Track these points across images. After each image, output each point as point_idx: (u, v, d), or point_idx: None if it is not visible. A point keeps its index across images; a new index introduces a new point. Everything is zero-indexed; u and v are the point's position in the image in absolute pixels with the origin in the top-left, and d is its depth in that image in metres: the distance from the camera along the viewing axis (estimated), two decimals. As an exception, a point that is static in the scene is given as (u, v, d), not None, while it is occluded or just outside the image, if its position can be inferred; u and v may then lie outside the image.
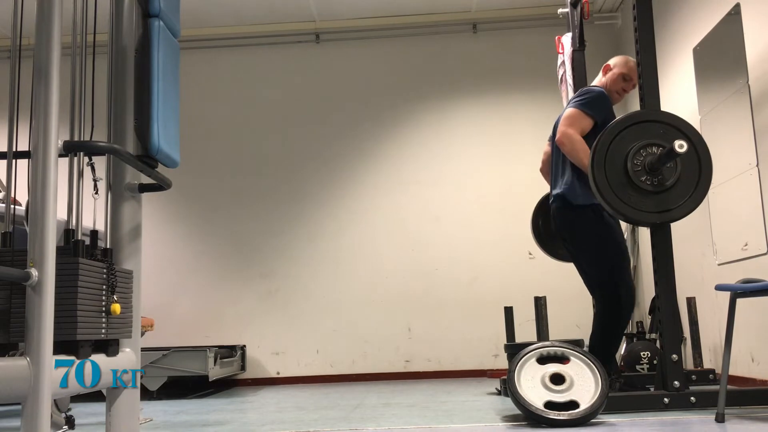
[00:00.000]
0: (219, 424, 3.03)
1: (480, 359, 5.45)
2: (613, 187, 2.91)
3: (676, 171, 2.92)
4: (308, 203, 5.82)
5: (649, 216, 2.92)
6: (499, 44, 5.93)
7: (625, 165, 2.91)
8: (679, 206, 2.92)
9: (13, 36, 1.80)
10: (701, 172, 2.95)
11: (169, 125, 2.15)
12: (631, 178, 2.90)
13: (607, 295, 3.16)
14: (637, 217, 2.93)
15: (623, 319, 3.16)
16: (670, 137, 2.91)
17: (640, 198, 2.91)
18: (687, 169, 2.94)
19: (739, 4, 3.68)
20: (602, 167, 2.92)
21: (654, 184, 2.90)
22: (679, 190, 2.92)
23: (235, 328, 5.67)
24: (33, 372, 1.45)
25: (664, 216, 2.92)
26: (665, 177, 2.91)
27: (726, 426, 2.38)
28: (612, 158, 2.92)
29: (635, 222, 3.00)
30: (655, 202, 2.91)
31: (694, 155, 2.95)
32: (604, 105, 3.22)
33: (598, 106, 3.20)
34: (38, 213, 1.53)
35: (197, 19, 5.81)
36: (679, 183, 2.92)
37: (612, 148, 2.93)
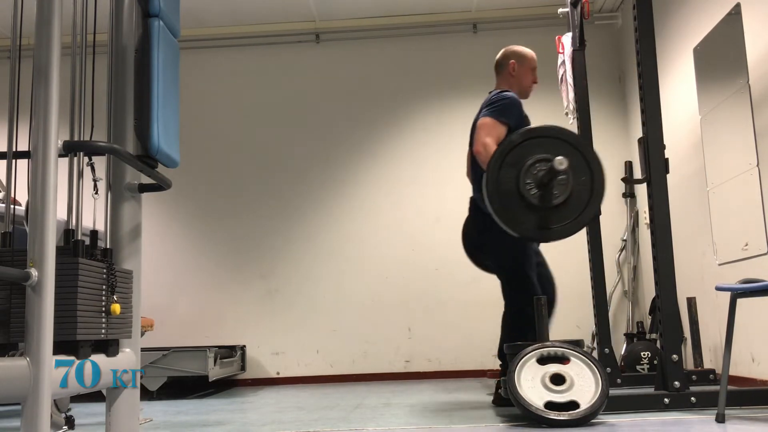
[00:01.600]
0: (219, 425, 3.03)
1: (480, 359, 5.44)
2: (501, 195, 2.88)
3: (567, 191, 2.87)
4: (308, 203, 5.81)
5: (528, 230, 2.89)
6: (499, 44, 5.88)
7: (518, 176, 2.87)
8: (560, 226, 2.89)
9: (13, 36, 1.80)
10: (592, 195, 2.90)
11: (169, 125, 2.15)
12: (520, 189, 2.86)
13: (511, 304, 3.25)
14: (517, 229, 2.89)
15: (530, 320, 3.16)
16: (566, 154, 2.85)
17: (525, 211, 2.87)
18: (579, 191, 2.88)
19: (739, 4, 3.68)
20: (497, 173, 2.89)
21: (541, 200, 2.86)
22: (566, 211, 2.88)
23: (235, 328, 5.67)
24: (33, 372, 1.45)
25: (543, 233, 2.89)
26: (555, 195, 2.86)
27: (726, 426, 2.38)
28: (507, 168, 2.89)
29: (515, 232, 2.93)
30: (537, 218, 2.87)
31: (588, 177, 2.89)
32: (516, 110, 3.26)
33: (510, 111, 3.23)
34: (38, 213, 1.53)
35: (197, 19, 5.81)
36: (568, 203, 2.88)
37: (509, 158, 2.90)
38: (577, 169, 2.89)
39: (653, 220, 3.03)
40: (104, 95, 2.12)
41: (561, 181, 2.85)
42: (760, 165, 3.49)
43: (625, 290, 5.50)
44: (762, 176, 3.48)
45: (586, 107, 4.06)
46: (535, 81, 3.47)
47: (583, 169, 2.90)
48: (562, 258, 5.53)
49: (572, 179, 2.87)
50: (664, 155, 3.06)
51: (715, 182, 4.03)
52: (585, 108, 4.06)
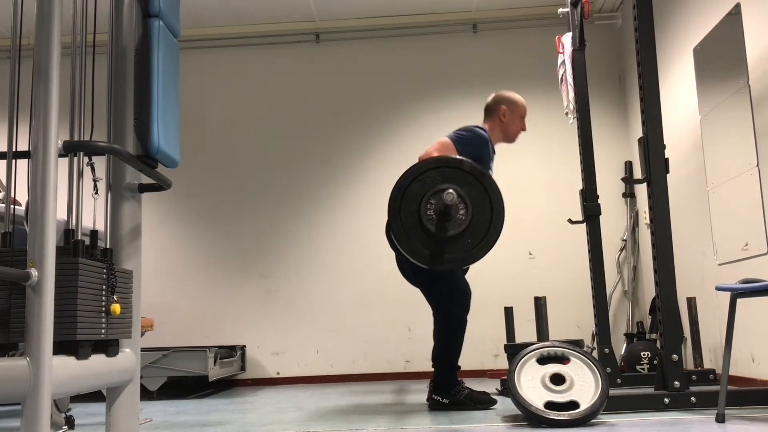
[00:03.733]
0: (219, 425, 3.03)
1: (480, 359, 5.44)
2: (403, 221, 2.90)
3: (465, 222, 2.87)
4: (308, 203, 5.82)
5: (421, 257, 2.89)
6: (499, 44, 5.93)
7: (419, 205, 2.88)
8: (451, 259, 2.89)
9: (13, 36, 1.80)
10: (488, 232, 2.90)
11: (169, 125, 2.15)
12: (421, 217, 2.88)
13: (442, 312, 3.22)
14: (413, 255, 2.91)
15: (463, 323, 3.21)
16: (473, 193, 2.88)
17: (423, 238, 2.88)
18: (476, 224, 2.89)
19: (739, 4, 3.68)
20: (399, 201, 2.92)
21: (438, 229, 2.86)
22: (460, 242, 2.88)
23: (235, 328, 5.67)
24: (33, 372, 1.45)
25: (435, 261, 2.89)
26: (453, 225, 2.86)
27: (726, 426, 2.38)
28: (409, 198, 2.91)
29: (412, 257, 2.94)
30: (432, 246, 2.88)
31: (487, 214, 2.90)
32: (478, 147, 3.25)
33: (471, 145, 3.23)
34: (38, 213, 1.53)
35: (197, 19, 5.81)
36: (465, 234, 2.88)
37: (411, 187, 2.92)
38: (479, 206, 2.89)
39: (653, 220, 3.03)
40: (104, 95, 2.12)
41: (459, 213, 2.87)
42: (760, 165, 3.49)
43: (625, 290, 5.51)
44: (762, 176, 3.48)
45: (586, 107, 4.06)
46: (523, 128, 3.49)
47: (485, 208, 2.90)
48: (562, 258, 5.54)
49: (472, 213, 2.88)
50: (664, 155, 3.06)
51: (715, 182, 4.03)
52: (585, 108, 4.06)
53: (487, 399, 3.17)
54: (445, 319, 3.22)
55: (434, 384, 3.22)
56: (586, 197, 3.98)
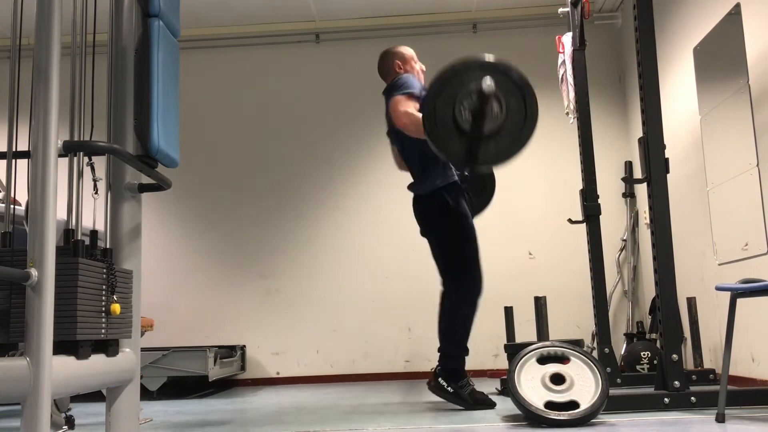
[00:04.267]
0: (219, 424, 3.03)
1: (480, 359, 5.44)
2: (436, 121, 2.84)
3: (499, 122, 2.82)
4: (308, 203, 5.81)
5: (456, 156, 2.86)
6: (499, 44, 5.93)
7: (453, 102, 2.83)
8: (486, 158, 2.85)
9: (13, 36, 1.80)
10: (522, 132, 2.86)
11: (168, 125, 2.15)
12: (455, 114, 2.82)
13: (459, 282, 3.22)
14: (447, 154, 2.87)
15: (476, 305, 3.23)
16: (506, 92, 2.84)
17: (457, 137, 2.82)
18: (511, 127, 2.84)
19: (739, 4, 3.68)
20: (434, 101, 2.85)
21: (472, 127, 2.81)
22: (495, 143, 2.84)
23: (235, 328, 5.67)
24: (33, 372, 1.45)
25: (470, 161, 2.85)
26: (486, 124, 2.81)
27: (726, 426, 2.38)
28: (445, 96, 2.85)
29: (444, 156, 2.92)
30: (467, 145, 2.82)
31: (522, 111, 2.86)
32: (415, 81, 3.36)
33: (411, 83, 3.31)
34: (38, 213, 1.53)
35: (197, 19, 5.81)
36: (499, 136, 2.84)
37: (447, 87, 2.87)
38: (514, 108, 2.86)
39: (653, 220, 3.03)
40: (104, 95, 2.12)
41: (494, 112, 2.81)
42: (760, 165, 3.49)
43: (625, 290, 5.51)
44: (762, 176, 3.48)
45: (586, 107, 4.06)
46: (422, 69, 3.59)
47: (520, 109, 2.88)
48: (562, 258, 5.54)
49: (506, 114, 2.84)
50: (664, 155, 3.06)
51: (715, 182, 4.03)
52: (585, 108, 4.06)
53: (488, 401, 3.17)
54: (459, 297, 3.21)
55: (443, 369, 3.20)
56: (586, 197, 3.98)
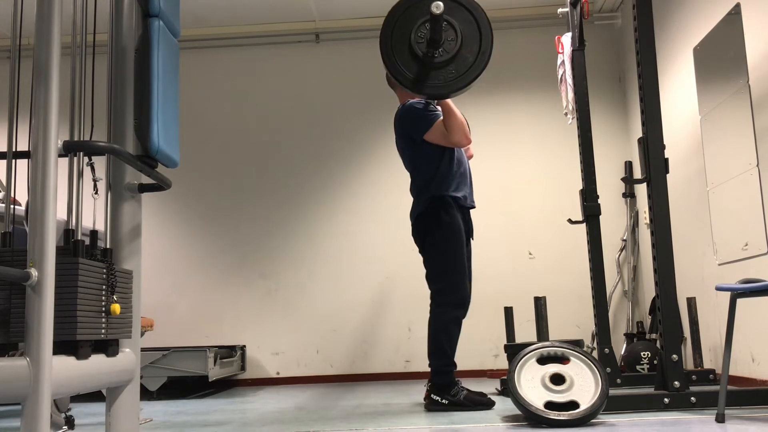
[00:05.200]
0: (219, 425, 3.03)
1: (480, 359, 5.44)
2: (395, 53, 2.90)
3: (452, 52, 2.85)
4: (308, 203, 5.81)
5: (406, 79, 2.88)
6: (499, 44, 5.90)
7: (410, 30, 2.90)
8: (432, 85, 2.87)
9: (13, 36, 1.80)
10: (471, 67, 2.89)
11: (169, 125, 2.15)
12: (410, 39, 2.88)
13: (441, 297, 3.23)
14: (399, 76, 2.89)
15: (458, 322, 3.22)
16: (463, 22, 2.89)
17: (410, 60, 2.87)
18: (463, 60, 2.87)
19: (739, 4, 3.68)
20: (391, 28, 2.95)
21: (425, 53, 2.85)
22: (444, 71, 2.86)
23: (235, 328, 5.67)
24: (33, 372, 1.45)
25: (417, 85, 2.87)
26: (438, 53, 2.84)
27: (726, 426, 2.38)
28: (405, 20, 2.93)
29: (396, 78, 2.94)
30: (418, 70, 2.86)
31: (474, 50, 2.90)
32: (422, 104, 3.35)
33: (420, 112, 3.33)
34: (38, 213, 1.53)
35: (197, 19, 5.81)
36: (450, 64, 2.85)
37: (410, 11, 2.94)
38: (469, 39, 2.91)
39: (653, 220, 3.03)
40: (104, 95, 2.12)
41: (448, 41, 2.85)
42: (760, 165, 3.49)
43: (625, 290, 5.51)
44: (762, 176, 3.48)
45: (585, 107, 4.06)
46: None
47: (474, 41, 2.92)
48: (562, 258, 5.54)
49: (460, 45, 2.88)
50: (664, 155, 3.06)
51: (715, 182, 4.03)
52: (585, 108, 4.06)
53: (486, 400, 3.17)
54: (440, 311, 3.22)
55: (432, 384, 3.21)
56: (586, 197, 3.98)
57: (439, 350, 3.20)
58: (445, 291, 3.23)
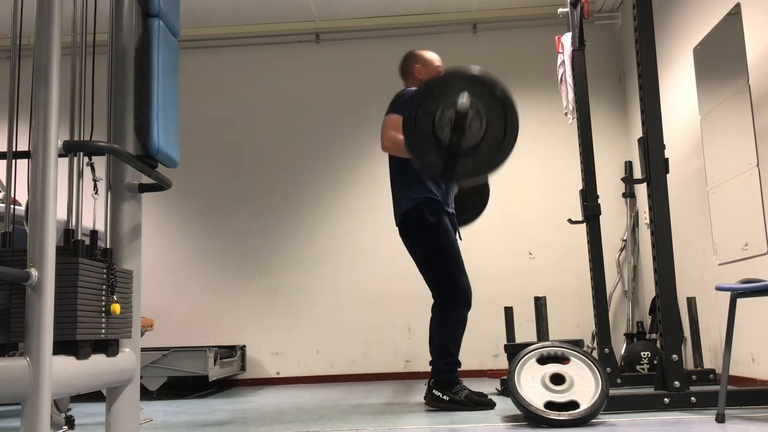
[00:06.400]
0: (219, 424, 3.03)
1: (480, 359, 5.44)
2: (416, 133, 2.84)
3: (478, 138, 2.81)
4: (308, 202, 5.82)
5: (433, 168, 2.86)
6: (499, 44, 5.93)
7: (434, 116, 2.83)
8: (462, 171, 2.85)
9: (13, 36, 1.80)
10: (499, 149, 2.84)
11: (169, 125, 2.15)
12: (435, 127, 2.82)
13: (444, 298, 3.20)
14: (425, 166, 2.87)
15: (463, 319, 3.21)
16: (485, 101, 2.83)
17: (436, 150, 2.83)
18: (488, 139, 2.83)
19: (739, 4, 3.68)
20: (414, 112, 2.85)
21: (451, 142, 2.80)
22: (474, 158, 2.83)
23: (235, 328, 5.67)
24: (33, 372, 1.45)
25: (446, 171, 2.85)
26: (465, 139, 2.80)
27: (726, 426, 2.38)
28: (425, 107, 2.85)
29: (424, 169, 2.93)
30: (445, 159, 2.82)
31: (502, 127, 2.84)
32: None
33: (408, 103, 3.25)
34: (38, 213, 1.53)
35: (197, 19, 5.81)
36: (478, 151, 2.82)
37: (427, 99, 2.86)
38: (494, 124, 2.84)
39: (653, 220, 3.03)
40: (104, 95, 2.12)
41: (474, 127, 2.81)
42: (760, 165, 3.49)
43: (625, 290, 5.51)
44: (762, 176, 3.48)
45: (586, 107, 4.06)
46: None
47: (500, 125, 2.85)
48: (562, 258, 5.54)
49: (485, 130, 2.82)
50: (664, 155, 3.06)
51: (715, 182, 4.03)
52: (585, 108, 4.06)
53: (486, 401, 3.17)
54: (444, 311, 3.21)
55: (435, 380, 3.21)
56: (586, 197, 3.98)
57: (442, 349, 3.19)
58: (446, 291, 3.22)
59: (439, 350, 3.20)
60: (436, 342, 3.22)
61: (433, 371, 3.23)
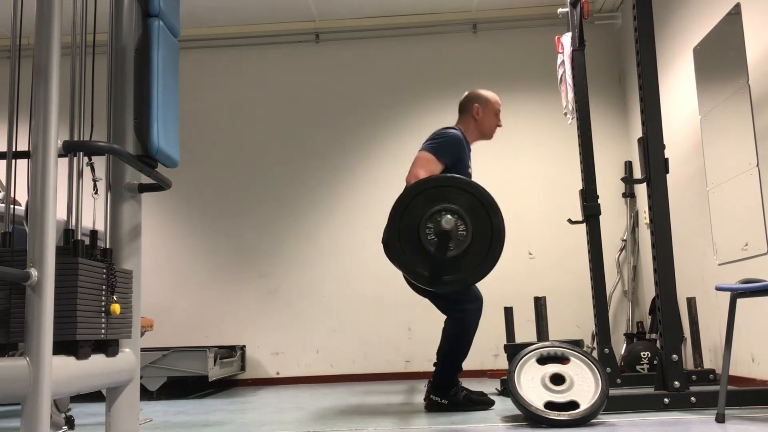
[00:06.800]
0: (219, 425, 3.03)
1: (480, 359, 5.44)
2: (401, 238, 2.88)
3: (466, 242, 2.86)
4: (308, 203, 5.82)
5: (420, 278, 2.89)
6: (499, 44, 5.93)
7: (418, 223, 2.87)
8: (451, 280, 2.89)
9: (13, 36, 1.80)
10: (486, 255, 2.89)
11: (168, 125, 2.15)
12: (420, 235, 2.86)
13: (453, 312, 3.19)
14: (412, 275, 2.90)
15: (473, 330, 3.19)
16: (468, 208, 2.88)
17: (421, 257, 2.87)
18: (475, 245, 2.87)
19: (739, 4, 3.68)
20: (396, 223, 2.90)
21: (437, 250, 2.84)
22: (462, 263, 2.87)
23: (235, 328, 5.67)
24: (33, 372, 1.45)
25: (433, 282, 2.88)
26: (454, 245, 2.85)
27: (726, 426, 2.38)
28: (409, 215, 2.89)
29: (411, 277, 2.94)
30: (431, 266, 2.87)
31: (487, 232, 2.88)
32: (455, 149, 3.24)
33: (449, 150, 3.22)
34: (38, 213, 1.53)
35: (197, 19, 5.81)
36: (466, 254, 2.86)
37: (411, 205, 2.90)
38: (480, 229, 2.88)
39: (653, 220, 3.03)
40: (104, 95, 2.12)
41: (459, 232, 2.86)
42: (760, 165, 3.49)
43: (625, 290, 5.51)
44: (762, 176, 3.48)
45: (585, 107, 4.06)
46: (498, 125, 3.48)
47: (485, 229, 2.89)
48: (562, 258, 5.54)
49: (472, 233, 2.86)
50: (664, 155, 3.06)
51: (715, 182, 4.03)
52: (585, 108, 4.06)
53: (485, 400, 3.16)
54: (456, 319, 3.17)
55: (433, 384, 3.21)
56: (586, 197, 3.98)
57: (450, 354, 3.17)
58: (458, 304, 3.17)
59: (446, 354, 3.18)
60: (445, 348, 3.18)
61: (435, 372, 3.22)
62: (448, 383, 3.17)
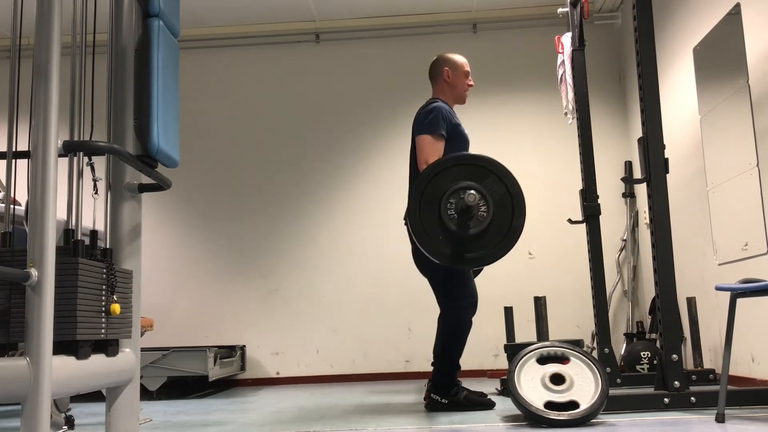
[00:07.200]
0: (219, 425, 3.03)
1: (480, 359, 5.44)
2: (422, 216, 2.88)
3: (487, 220, 2.86)
4: (308, 203, 5.81)
5: (444, 256, 2.88)
6: (499, 44, 5.93)
7: (439, 201, 2.87)
8: (473, 257, 2.88)
9: (13, 36, 1.80)
10: (509, 229, 2.90)
11: (168, 125, 2.15)
12: (441, 214, 2.86)
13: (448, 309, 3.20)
14: (435, 254, 2.89)
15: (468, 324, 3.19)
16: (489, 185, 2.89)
17: (444, 234, 2.86)
18: (496, 221, 2.88)
19: (739, 4, 3.68)
20: (418, 199, 2.89)
21: (459, 226, 2.84)
22: (483, 240, 2.87)
23: (235, 328, 5.67)
24: (33, 372, 1.45)
25: (455, 259, 2.88)
26: (474, 223, 2.85)
27: (726, 426, 2.38)
28: (431, 192, 2.89)
29: (433, 258, 2.94)
30: (454, 244, 2.86)
31: (509, 211, 2.91)
32: (445, 116, 3.25)
33: (440, 122, 3.22)
34: (38, 213, 1.53)
35: (197, 19, 5.81)
36: (487, 233, 2.86)
37: (432, 183, 2.90)
38: (500, 202, 2.90)
39: (653, 220, 3.03)
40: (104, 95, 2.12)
41: (480, 211, 2.86)
42: (760, 165, 3.49)
43: (625, 290, 5.51)
44: (762, 176, 3.48)
45: (585, 107, 4.06)
46: (470, 84, 3.50)
47: (506, 202, 2.91)
48: (562, 258, 5.54)
49: (492, 210, 2.87)
50: (664, 155, 3.07)
51: (715, 182, 4.03)
52: (585, 108, 4.06)
53: (486, 400, 3.17)
54: (451, 316, 3.20)
55: (433, 383, 3.21)
56: (586, 197, 3.98)
57: (445, 352, 3.18)
58: (453, 293, 3.21)
59: (442, 353, 3.19)
60: (440, 347, 3.21)
61: (434, 372, 3.22)
62: (448, 382, 3.17)
